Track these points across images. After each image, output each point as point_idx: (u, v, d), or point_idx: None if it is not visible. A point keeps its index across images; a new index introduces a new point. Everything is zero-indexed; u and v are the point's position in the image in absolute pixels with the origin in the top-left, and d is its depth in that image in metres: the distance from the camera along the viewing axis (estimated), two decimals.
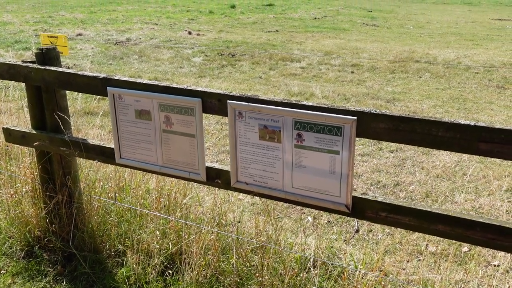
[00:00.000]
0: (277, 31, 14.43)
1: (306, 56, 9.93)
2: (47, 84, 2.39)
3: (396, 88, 7.44)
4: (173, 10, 21.41)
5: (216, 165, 2.15)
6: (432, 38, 13.31)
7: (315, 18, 18.85)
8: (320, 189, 1.85)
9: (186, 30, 13.77)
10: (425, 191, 3.81)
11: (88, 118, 5.41)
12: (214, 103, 1.96)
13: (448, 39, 13.09)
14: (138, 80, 2.14)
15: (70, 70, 2.32)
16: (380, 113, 1.66)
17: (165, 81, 7.57)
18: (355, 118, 1.68)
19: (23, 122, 4.11)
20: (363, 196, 1.82)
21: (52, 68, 2.35)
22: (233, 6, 23.31)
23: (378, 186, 3.92)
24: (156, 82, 2.11)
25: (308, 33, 14.03)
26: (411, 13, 22.41)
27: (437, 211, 1.69)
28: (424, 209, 1.71)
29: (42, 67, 2.36)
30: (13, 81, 3.16)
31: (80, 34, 12.36)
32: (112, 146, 2.32)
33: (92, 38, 11.92)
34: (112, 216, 2.74)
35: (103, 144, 2.39)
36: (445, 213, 1.68)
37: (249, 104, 1.86)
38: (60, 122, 2.43)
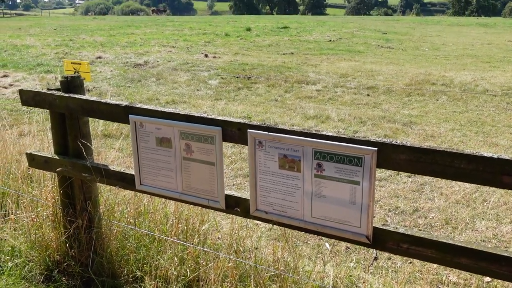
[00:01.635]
0: (292, 53, 14.57)
1: (322, 78, 9.98)
2: (70, 111, 2.44)
3: (413, 111, 7.41)
4: (189, 33, 21.80)
5: (235, 193, 2.16)
6: (448, 60, 13.29)
7: (330, 40, 19.00)
8: (340, 219, 1.84)
9: (202, 53, 14.00)
10: (445, 218, 3.76)
11: (108, 141, 5.50)
12: (234, 132, 1.98)
13: (464, 61, 13.05)
14: (160, 109, 2.18)
15: (93, 98, 2.37)
16: (400, 144, 1.66)
17: (182, 103, 7.68)
18: (375, 149, 1.68)
19: (46, 146, 4.19)
20: (384, 227, 1.81)
21: (76, 96, 2.41)
22: (248, 29, 23.65)
23: (396, 212, 3.88)
24: (177, 111, 2.14)
25: (323, 55, 14.14)
26: (426, 35, 22.45)
27: (460, 244, 1.67)
28: (447, 241, 1.69)
29: (67, 95, 2.42)
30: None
31: (99, 57, 12.65)
32: (133, 172, 2.35)
33: (111, 61, 12.18)
34: (130, 241, 2.76)
35: (124, 170, 2.43)
36: (469, 246, 1.65)
37: (269, 133, 1.88)
38: (82, 148, 2.48)
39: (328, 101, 8.10)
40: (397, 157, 1.66)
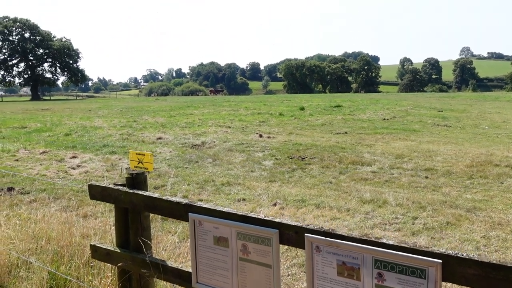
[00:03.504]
0: (346, 133, 14.63)
1: (377, 159, 9.86)
2: (134, 206, 2.56)
3: (476, 196, 7.05)
4: (245, 113, 22.63)
5: None
6: (511, 139, 12.76)
7: (384, 119, 18.98)
8: None
9: (257, 133, 14.39)
10: None
11: (164, 224, 5.62)
12: (291, 235, 1.98)
13: None
14: (218, 208, 2.23)
15: (155, 195, 2.48)
16: (467, 257, 1.58)
17: (236, 185, 7.79)
18: (440, 261, 1.61)
19: (107, 231, 4.35)
20: None
21: (140, 192, 2.54)
22: (302, 108, 24.24)
23: None
24: (234, 211, 2.18)
25: (377, 134, 14.07)
26: (485, 112, 21.90)
27: None
28: None
29: (131, 191, 2.55)
30: None
31: (160, 138, 13.33)
32: (189, 269, 2.37)
33: (170, 141, 12.78)
34: None
35: (181, 267, 2.46)
36: None
37: (327, 239, 1.86)
38: (142, 243, 2.56)
39: (384, 183, 7.92)
40: (464, 271, 1.58)
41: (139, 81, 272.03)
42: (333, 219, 6.00)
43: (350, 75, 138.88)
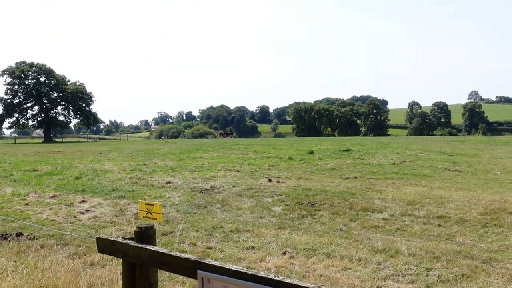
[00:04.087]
0: (355, 177, 14.53)
1: (388, 206, 9.72)
2: (141, 261, 2.53)
3: (492, 245, 6.87)
4: (254, 157, 22.69)
5: None
6: None
7: (394, 163, 18.88)
8: None
9: (266, 177, 14.35)
10: None
11: (172, 274, 5.51)
12: None
13: None
14: (228, 266, 2.19)
15: (164, 250, 2.45)
16: None
17: (245, 232, 7.69)
18: None
19: (114, 280, 4.28)
20: None
21: (148, 247, 2.51)
22: (311, 152, 24.26)
23: None
24: (244, 270, 2.14)
25: (388, 179, 13.95)
26: (496, 157, 21.72)
27: None
28: None
29: (139, 245, 2.53)
30: None
31: (169, 182, 13.34)
32: None
33: (179, 186, 12.77)
34: None
35: None
36: None
37: None
38: None
39: (396, 231, 7.77)
40: None
41: (150, 123, 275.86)
42: (344, 269, 5.86)
43: (359, 118, 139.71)
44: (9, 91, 75.57)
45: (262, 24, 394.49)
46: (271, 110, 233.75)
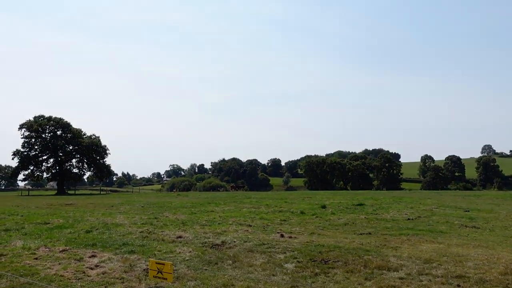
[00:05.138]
0: (369, 233, 14.23)
1: (404, 264, 9.43)
2: None
3: None
4: (266, 211, 22.47)
5: None
6: None
7: (409, 219, 18.51)
8: None
9: (278, 232, 14.13)
10: None
11: None
12: None
13: None
14: None
15: None
16: None
17: None
18: None
19: None
20: None
21: None
22: (323, 206, 23.98)
23: None
24: None
25: (402, 236, 13.63)
26: None
27: None
28: None
29: None
30: None
31: (180, 237, 13.19)
32: None
33: (190, 240, 12.61)
34: None
35: None
36: None
37: None
38: None
39: None
40: None
41: (162, 176, 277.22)
42: None
43: (371, 172, 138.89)
44: (26, 144, 77.26)
45: (272, 77, 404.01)
46: (282, 163, 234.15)
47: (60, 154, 79.87)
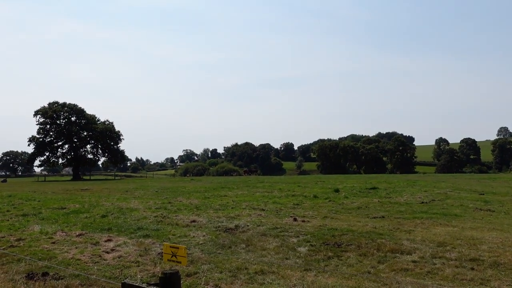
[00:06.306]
0: (383, 217, 14.20)
1: (417, 247, 9.41)
2: None
3: None
4: (279, 195, 22.53)
5: None
6: None
7: (422, 202, 18.41)
8: None
9: (291, 216, 14.18)
10: None
11: None
12: None
13: None
14: None
15: None
16: None
17: (270, 274, 7.53)
18: None
19: None
20: None
21: None
22: (337, 190, 23.95)
23: None
24: None
25: (416, 219, 13.57)
26: None
27: None
28: None
29: None
30: None
31: (194, 221, 13.32)
32: None
33: (204, 224, 12.73)
34: None
35: None
36: None
37: None
38: None
39: (426, 275, 7.47)
40: None
41: (176, 161, 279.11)
42: None
43: (385, 155, 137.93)
44: (41, 130, 78.32)
45: (283, 60, 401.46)
46: (295, 147, 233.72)
47: (75, 140, 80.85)
